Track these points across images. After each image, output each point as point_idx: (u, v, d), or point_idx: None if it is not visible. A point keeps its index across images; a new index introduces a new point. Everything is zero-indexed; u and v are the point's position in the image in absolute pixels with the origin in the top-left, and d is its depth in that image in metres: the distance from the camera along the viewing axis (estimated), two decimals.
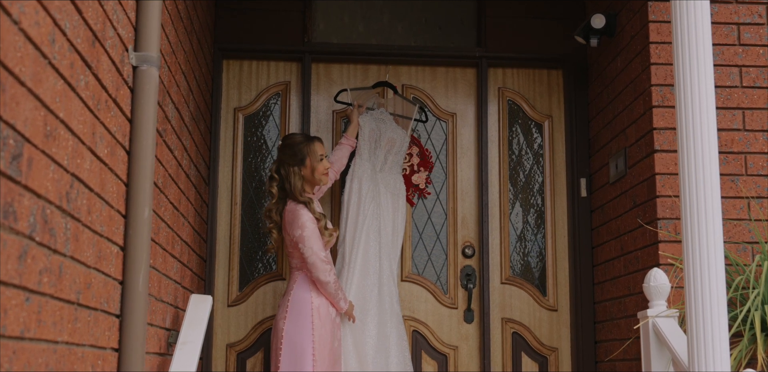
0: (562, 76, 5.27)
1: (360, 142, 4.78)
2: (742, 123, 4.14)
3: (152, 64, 2.86)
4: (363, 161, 4.76)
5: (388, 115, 4.97)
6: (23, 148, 1.80)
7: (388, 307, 4.53)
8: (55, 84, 2.03)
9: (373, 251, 4.58)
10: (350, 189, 4.69)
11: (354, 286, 4.49)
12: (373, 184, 4.72)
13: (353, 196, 4.67)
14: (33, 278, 1.86)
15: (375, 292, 4.51)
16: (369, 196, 4.67)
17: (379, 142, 4.84)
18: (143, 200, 2.78)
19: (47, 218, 1.97)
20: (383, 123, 4.91)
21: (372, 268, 4.55)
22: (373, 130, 4.84)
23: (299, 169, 4.36)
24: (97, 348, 2.43)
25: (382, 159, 4.83)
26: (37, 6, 1.89)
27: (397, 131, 4.91)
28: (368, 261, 4.55)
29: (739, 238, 4.04)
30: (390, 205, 4.77)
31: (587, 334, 4.93)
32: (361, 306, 4.45)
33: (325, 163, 4.40)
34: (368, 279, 4.53)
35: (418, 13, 5.34)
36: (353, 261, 4.53)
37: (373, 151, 4.81)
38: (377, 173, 4.78)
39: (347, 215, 4.64)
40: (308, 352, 4.08)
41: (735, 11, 4.23)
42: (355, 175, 4.72)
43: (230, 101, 5.11)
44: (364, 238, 4.57)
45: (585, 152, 5.11)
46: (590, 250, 5.01)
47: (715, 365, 3.10)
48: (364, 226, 4.59)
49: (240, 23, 5.11)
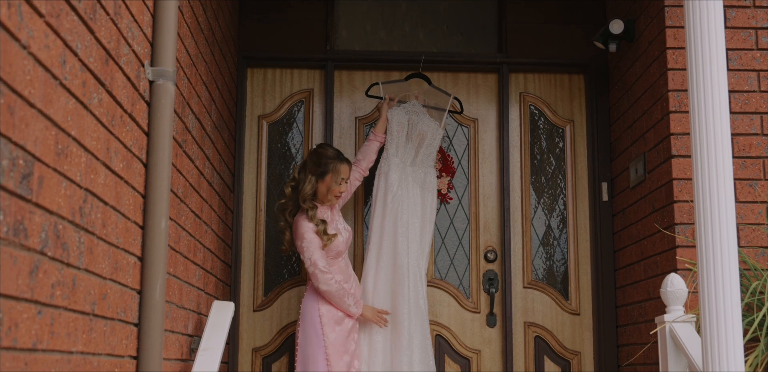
0: (583, 80, 5.29)
1: (388, 136, 4.79)
2: (760, 127, 4.14)
3: (168, 79, 2.94)
4: (390, 156, 4.75)
5: (420, 107, 4.94)
6: (33, 167, 1.88)
7: (413, 305, 4.54)
8: (67, 103, 2.11)
9: (402, 247, 4.59)
10: (377, 185, 4.72)
11: (381, 283, 4.54)
12: (401, 179, 4.71)
13: (380, 191, 4.70)
14: (45, 292, 1.94)
15: (404, 289, 4.52)
16: (396, 191, 4.67)
17: (410, 136, 4.82)
18: (160, 211, 2.85)
19: (59, 233, 2.05)
20: (416, 115, 4.88)
21: (400, 265, 4.56)
22: (402, 124, 4.80)
23: (316, 181, 4.44)
24: (113, 356, 2.51)
25: (413, 153, 4.81)
26: (47, 30, 1.96)
27: (429, 124, 4.86)
28: (395, 257, 4.57)
29: (757, 242, 4.04)
30: (419, 200, 4.74)
31: (609, 337, 4.94)
32: (389, 304, 4.50)
33: (342, 187, 4.45)
34: (396, 275, 4.54)
35: (439, 20, 5.39)
36: (380, 258, 4.57)
37: (403, 145, 4.79)
38: (407, 167, 4.76)
39: (374, 212, 4.68)
40: (321, 358, 4.21)
41: (753, 16, 4.23)
42: (382, 170, 4.74)
43: (254, 109, 5.19)
44: (390, 234, 4.60)
45: (606, 157, 5.13)
46: (612, 254, 5.02)
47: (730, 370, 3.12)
48: (391, 222, 4.61)
49: (263, 32, 5.19)
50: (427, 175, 4.80)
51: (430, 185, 4.79)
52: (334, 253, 4.40)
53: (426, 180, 4.79)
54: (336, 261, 4.43)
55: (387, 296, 4.53)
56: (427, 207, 4.75)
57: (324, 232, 4.33)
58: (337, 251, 4.40)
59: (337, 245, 4.39)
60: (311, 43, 5.22)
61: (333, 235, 4.35)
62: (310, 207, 4.39)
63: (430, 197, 4.78)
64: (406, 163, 4.76)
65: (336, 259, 4.42)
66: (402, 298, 4.51)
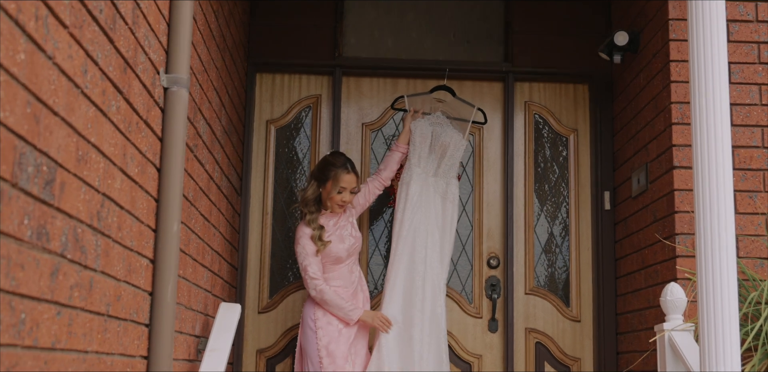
0: (587, 90, 5.36)
1: (411, 147, 4.84)
2: (761, 140, 4.21)
3: (182, 86, 3.01)
4: (412, 166, 4.81)
5: (444, 119, 5.00)
6: (56, 174, 1.95)
7: (429, 313, 4.58)
8: (87, 111, 2.18)
9: (419, 256, 4.65)
10: (399, 194, 4.79)
11: (396, 291, 4.58)
12: (423, 189, 4.77)
13: (401, 202, 4.76)
14: (64, 293, 2.01)
15: (417, 298, 4.58)
16: (417, 201, 4.73)
17: (433, 147, 4.87)
18: (172, 215, 2.92)
19: (78, 237, 2.12)
20: (440, 127, 4.93)
21: (416, 273, 4.62)
22: (425, 135, 4.86)
23: (318, 186, 4.53)
24: (126, 356, 2.58)
25: (436, 164, 4.85)
26: (70, 40, 2.04)
27: (452, 135, 4.90)
28: (413, 265, 4.63)
29: (756, 253, 4.11)
30: (440, 209, 4.79)
31: (609, 345, 5.01)
32: (402, 311, 4.54)
33: (344, 196, 4.49)
34: (411, 284, 4.60)
35: (446, 29, 5.46)
36: (399, 270, 4.62)
37: (426, 156, 4.84)
38: (429, 178, 4.82)
39: (395, 220, 4.74)
40: (315, 361, 4.32)
41: (755, 30, 4.30)
42: (403, 181, 4.81)
43: (263, 114, 5.27)
44: (409, 244, 4.65)
45: (609, 166, 5.20)
46: (613, 262, 5.09)
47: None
48: (410, 233, 4.67)
49: (273, 38, 5.27)
50: (449, 186, 4.84)
51: (451, 195, 4.84)
52: (332, 259, 4.47)
53: (447, 190, 4.83)
54: (337, 267, 4.49)
55: (401, 304, 4.57)
56: (447, 217, 4.80)
57: (319, 238, 4.42)
58: (336, 257, 4.46)
59: (336, 252, 4.45)
60: (320, 49, 5.29)
61: (327, 242, 4.42)
62: (310, 211, 4.49)
63: (451, 207, 4.82)
64: (429, 174, 4.82)
65: (336, 265, 4.49)
66: (415, 307, 4.56)
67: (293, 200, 5.16)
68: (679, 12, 4.29)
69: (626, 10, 5.00)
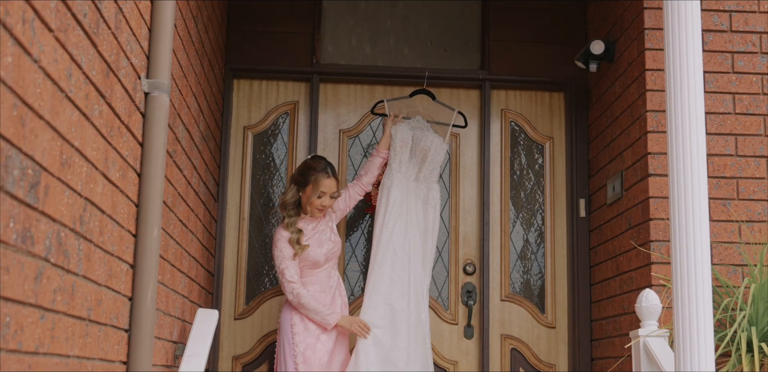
0: (563, 99, 5.41)
1: (391, 152, 4.83)
2: (734, 148, 4.27)
3: (163, 91, 3.01)
4: (393, 172, 4.79)
5: (425, 123, 5.00)
6: (41, 177, 1.95)
7: (414, 319, 4.57)
8: (71, 115, 2.18)
9: (402, 262, 4.63)
10: (380, 200, 4.77)
11: (381, 297, 4.55)
12: (404, 195, 4.75)
13: (381, 208, 4.73)
14: (48, 297, 2.01)
15: (404, 303, 4.56)
16: (398, 207, 4.71)
17: (413, 152, 4.86)
18: (153, 220, 2.92)
19: (62, 240, 2.11)
20: (420, 131, 4.92)
21: (400, 279, 4.60)
22: (405, 140, 4.84)
23: (297, 190, 4.51)
24: (106, 361, 2.57)
25: (416, 168, 4.84)
26: (55, 44, 2.04)
27: (433, 140, 4.89)
28: (395, 272, 4.61)
29: (729, 260, 4.16)
30: (422, 215, 4.78)
31: (584, 351, 5.04)
32: (388, 318, 4.51)
33: (324, 201, 4.46)
34: (396, 290, 4.57)
35: (423, 36, 5.49)
36: (381, 275, 4.59)
37: (407, 160, 4.82)
38: (410, 183, 4.81)
39: (376, 226, 4.72)
40: (291, 367, 4.30)
41: (729, 40, 4.36)
42: (384, 186, 4.78)
43: (240, 120, 5.26)
44: (391, 250, 4.63)
45: (584, 173, 5.25)
46: (588, 269, 5.13)
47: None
48: (392, 239, 4.65)
49: (251, 44, 5.27)
50: (430, 191, 4.84)
51: (432, 200, 4.83)
52: (310, 264, 4.44)
53: (429, 195, 4.83)
54: (314, 271, 4.47)
55: (383, 310, 4.53)
56: (429, 222, 4.79)
57: (297, 242, 4.40)
58: (314, 262, 4.44)
59: (314, 256, 4.43)
60: (297, 56, 5.30)
61: (305, 246, 4.40)
62: (289, 215, 4.47)
63: (433, 212, 4.82)
64: (410, 179, 4.81)
65: (314, 269, 4.47)
66: (401, 313, 4.54)
67: (270, 206, 5.16)
68: (654, 22, 4.34)
69: (603, 20, 5.05)
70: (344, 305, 4.57)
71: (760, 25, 4.37)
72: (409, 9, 5.50)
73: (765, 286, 3.79)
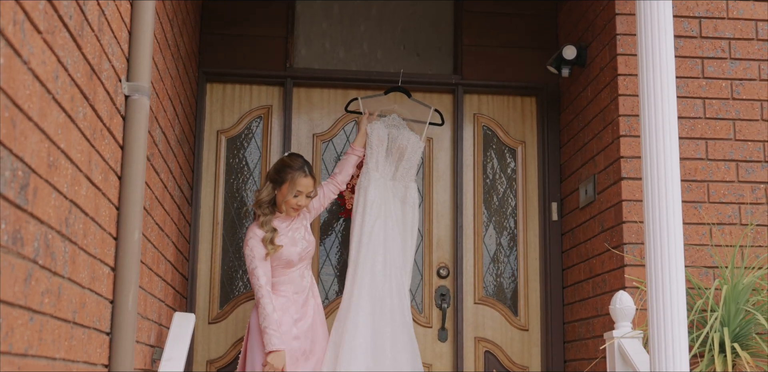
0: (535, 103, 5.46)
1: (368, 150, 4.76)
2: (705, 152, 4.34)
3: (143, 94, 3.01)
4: (370, 170, 4.72)
5: (401, 121, 4.95)
6: (30, 178, 1.95)
7: (399, 320, 4.52)
8: (58, 117, 2.17)
9: (380, 266, 4.57)
10: (357, 200, 4.69)
11: (363, 299, 4.48)
12: (381, 194, 4.69)
13: (359, 206, 4.66)
14: (36, 299, 2.00)
15: (386, 305, 4.50)
16: (376, 207, 4.64)
17: (390, 150, 4.80)
18: (133, 223, 2.92)
19: (49, 243, 2.11)
20: (396, 129, 4.87)
21: (382, 280, 4.54)
22: (382, 138, 4.77)
23: (273, 188, 4.42)
24: (89, 364, 2.56)
25: (393, 167, 4.80)
26: (43, 46, 2.04)
27: (409, 138, 4.85)
28: (376, 273, 4.55)
29: (701, 262, 4.22)
30: (400, 214, 4.73)
31: (557, 353, 5.09)
32: (370, 320, 4.45)
33: (300, 200, 4.37)
34: (377, 291, 4.51)
35: (397, 41, 5.53)
36: (360, 276, 4.51)
37: (383, 159, 4.77)
38: (388, 182, 4.76)
39: (354, 226, 4.65)
40: (258, 368, 4.21)
41: (699, 46, 4.43)
42: (361, 185, 4.72)
43: (213, 124, 5.26)
44: (371, 251, 4.56)
45: (556, 177, 5.30)
46: (561, 272, 5.18)
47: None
48: (372, 240, 4.58)
49: (224, 48, 5.27)
50: (408, 190, 4.80)
51: (411, 200, 4.79)
52: (283, 263, 4.35)
53: (407, 194, 4.79)
54: (288, 271, 4.38)
55: (368, 312, 4.47)
56: (408, 222, 4.75)
57: (270, 241, 4.29)
58: (288, 261, 4.34)
59: (288, 255, 4.33)
60: (271, 60, 5.31)
61: (278, 246, 4.30)
62: (264, 214, 4.37)
63: (411, 212, 4.77)
64: (387, 178, 4.76)
65: (287, 268, 4.37)
66: (384, 315, 4.49)
67: (245, 211, 5.16)
68: (626, 27, 4.40)
69: (574, 25, 5.11)
70: (317, 306, 4.49)
71: (729, 32, 4.45)
72: (383, 13, 5.53)
73: (736, 288, 3.86)
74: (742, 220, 4.28)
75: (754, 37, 4.46)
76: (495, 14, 5.47)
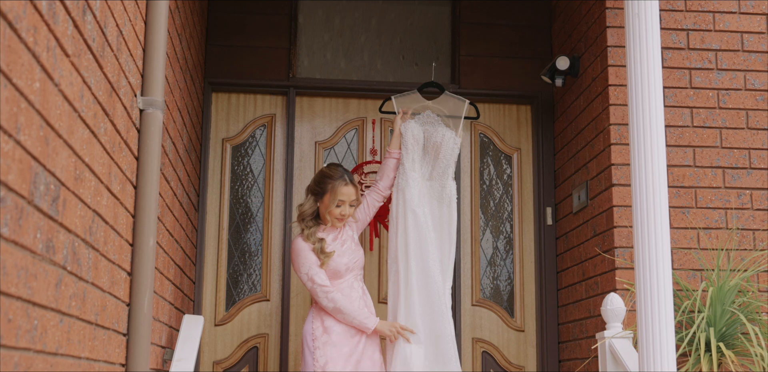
0: (530, 111, 5.63)
1: (403, 151, 4.60)
2: (692, 160, 4.51)
3: (157, 108, 3.18)
4: (407, 171, 4.56)
5: (435, 117, 4.77)
6: (60, 191, 2.12)
7: (448, 319, 4.40)
8: (83, 133, 2.35)
9: (428, 266, 4.43)
10: (396, 201, 4.55)
11: (415, 302, 4.37)
12: (419, 195, 4.54)
13: (399, 208, 4.52)
14: (65, 302, 2.17)
15: (441, 306, 4.39)
16: (412, 207, 4.49)
17: (426, 149, 4.65)
18: (149, 230, 3.09)
19: (76, 250, 2.28)
20: (431, 126, 4.70)
21: (431, 282, 4.40)
22: (417, 137, 4.61)
23: (315, 201, 4.36)
24: (109, 363, 2.74)
25: (430, 166, 4.63)
26: (71, 68, 2.21)
27: (444, 134, 4.64)
28: (425, 275, 4.41)
29: (688, 265, 4.39)
30: (437, 214, 4.57)
31: (552, 353, 5.26)
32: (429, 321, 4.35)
33: (343, 209, 4.29)
34: (429, 293, 4.39)
35: (396, 51, 5.70)
36: (407, 277, 4.40)
37: (420, 158, 4.61)
38: (426, 181, 4.61)
39: (393, 229, 4.52)
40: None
41: (687, 57, 4.60)
42: (399, 187, 4.56)
43: (219, 132, 5.43)
44: (416, 254, 4.44)
45: (551, 183, 5.47)
46: (555, 274, 5.35)
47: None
48: (408, 242, 4.44)
49: (229, 59, 5.44)
50: (444, 189, 4.60)
51: (447, 199, 4.59)
52: (330, 274, 4.26)
53: (443, 193, 4.60)
54: (336, 282, 4.28)
55: (426, 314, 4.37)
56: (444, 221, 4.57)
57: (321, 251, 4.23)
58: (335, 271, 4.26)
59: (335, 266, 4.25)
60: (274, 70, 5.48)
61: (330, 253, 4.22)
62: (308, 226, 4.30)
63: (448, 211, 4.58)
64: (424, 178, 4.61)
65: (335, 279, 4.28)
66: (440, 316, 4.37)
67: (249, 216, 5.33)
68: (617, 39, 4.58)
69: (568, 36, 5.28)
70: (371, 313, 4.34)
71: (715, 43, 4.63)
72: (383, 25, 5.71)
73: (722, 290, 4.02)
74: (728, 225, 4.45)
75: (740, 49, 4.63)
76: (491, 25, 5.64)
